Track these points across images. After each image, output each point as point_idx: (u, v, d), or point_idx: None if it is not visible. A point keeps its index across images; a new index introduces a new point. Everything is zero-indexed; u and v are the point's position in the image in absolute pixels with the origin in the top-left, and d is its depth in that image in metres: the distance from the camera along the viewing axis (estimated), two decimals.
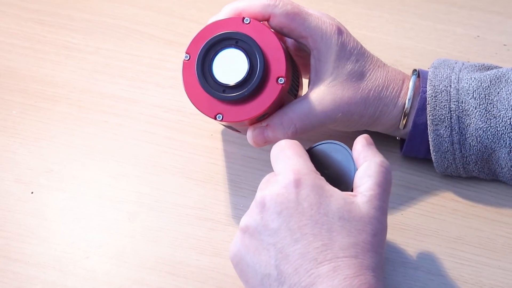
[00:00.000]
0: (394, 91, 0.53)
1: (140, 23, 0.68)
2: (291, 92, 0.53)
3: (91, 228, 0.54)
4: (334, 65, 0.52)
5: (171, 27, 0.68)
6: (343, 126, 0.54)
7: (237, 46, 0.50)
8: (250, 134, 0.52)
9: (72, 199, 0.55)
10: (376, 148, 0.48)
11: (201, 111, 0.51)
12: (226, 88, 0.50)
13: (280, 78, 0.50)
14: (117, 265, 0.51)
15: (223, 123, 0.53)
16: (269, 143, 0.52)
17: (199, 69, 0.50)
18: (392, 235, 0.53)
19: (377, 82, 0.53)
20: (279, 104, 0.52)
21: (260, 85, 0.50)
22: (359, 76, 0.52)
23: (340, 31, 0.53)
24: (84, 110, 0.61)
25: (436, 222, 0.54)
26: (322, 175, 0.46)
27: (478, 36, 0.67)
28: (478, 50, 0.66)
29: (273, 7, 0.51)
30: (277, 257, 0.42)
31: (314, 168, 0.46)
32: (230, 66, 0.50)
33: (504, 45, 0.67)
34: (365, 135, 0.48)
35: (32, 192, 0.56)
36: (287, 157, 0.46)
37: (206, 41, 0.51)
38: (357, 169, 0.46)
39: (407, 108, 0.53)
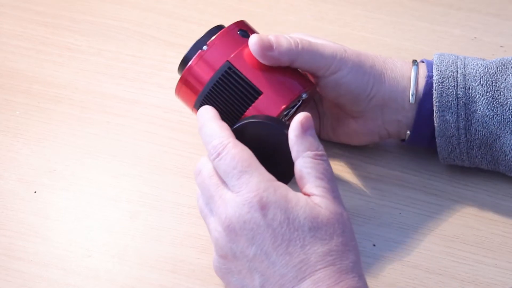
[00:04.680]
0: (388, 58, 0.54)
1: (141, 25, 0.69)
2: None
3: (93, 227, 0.54)
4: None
5: (172, 29, 0.69)
6: (348, 80, 0.52)
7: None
8: (254, 36, 0.50)
9: (75, 198, 0.56)
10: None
11: (191, 64, 0.51)
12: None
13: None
14: (119, 264, 0.52)
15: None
16: (271, 50, 0.50)
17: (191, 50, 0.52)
18: (390, 234, 0.54)
19: (366, 51, 0.54)
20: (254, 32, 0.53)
21: (222, 27, 0.52)
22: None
23: None
24: (87, 110, 0.62)
25: (434, 221, 0.54)
26: (257, 154, 0.45)
27: (475, 37, 0.68)
28: (475, 52, 0.67)
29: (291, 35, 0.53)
30: (260, 280, 0.43)
31: (268, 176, 0.44)
32: None
33: (501, 46, 0.67)
34: (301, 119, 0.46)
35: (35, 192, 0.56)
36: (239, 170, 0.44)
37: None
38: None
39: (414, 77, 0.53)
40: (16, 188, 0.56)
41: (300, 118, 0.46)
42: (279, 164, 0.47)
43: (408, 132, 0.55)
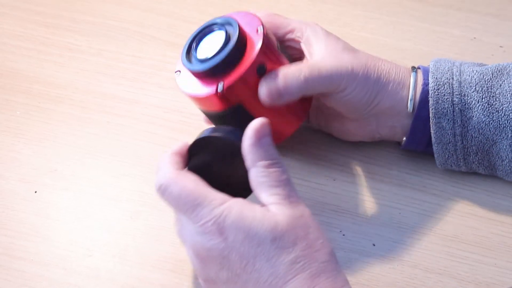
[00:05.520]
0: (392, 65, 0.54)
1: (142, 25, 0.69)
2: (285, 53, 0.53)
3: (94, 226, 0.54)
4: (326, 42, 0.53)
5: (173, 29, 0.69)
6: (350, 91, 0.52)
7: (218, 28, 0.51)
8: (263, 86, 0.50)
9: (75, 198, 0.56)
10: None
11: (203, 96, 0.50)
12: (209, 59, 0.50)
13: (258, 27, 0.50)
14: (120, 263, 0.52)
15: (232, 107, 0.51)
16: (281, 96, 0.50)
17: (184, 57, 0.51)
18: (390, 233, 0.54)
19: (371, 56, 0.54)
20: (274, 58, 0.51)
21: (242, 43, 0.50)
22: (353, 50, 0.54)
23: (319, 25, 0.55)
24: (87, 110, 0.62)
25: (433, 221, 0.55)
26: (217, 168, 0.46)
27: (474, 38, 0.68)
28: (475, 52, 0.67)
29: (255, 12, 0.53)
30: None
31: (220, 199, 0.44)
32: (212, 44, 0.51)
33: (500, 46, 0.67)
34: (257, 127, 0.45)
35: (35, 192, 0.56)
36: (189, 206, 0.44)
37: (193, 33, 0.52)
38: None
39: (413, 84, 0.53)
40: (17, 188, 0.57)
41: (255, 126, 0.45)
42: (238, 175, 0.47)
43: (404, 138, 0.56)
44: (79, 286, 0.51)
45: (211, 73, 0.50)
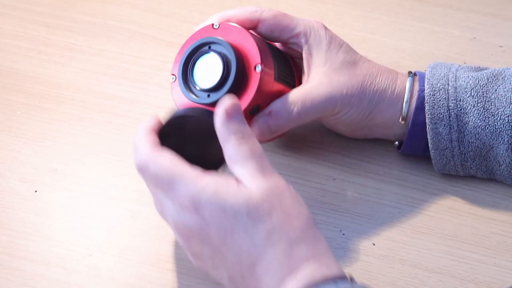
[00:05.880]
0: (390, 78, 0.54)
1: (142, 25, 0.69)
2: (282, 80, 0.53)
3: (94, 226, 0.54)
4: (326, 56, 0.53)
5: (173, 29, 0.69)
6: (344, 114, 0.54)
7: (210, 50, 0.51)
8: (255, 127, 0.53)
9: (76, 197, 0.56)
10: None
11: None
12: (209, 92, 0.50)
13: (256, 66, 0.50)
14: (120, 262, 0.52)
15: None
16: (274, 133, 0.53)
17: (182, 84, 0.52)
18: (390, 233, 0.54)
19: (370, 70, 0.54)
20: (270, 93, 0.52)
21: (241, 78, 0.50)
22: (352, 64, 0.54)
23: (325, 27, 0.55)
24: (88, 110, 0.62)
25: (433, 220, 0.55)
26: (191, 145, 0.47)
27: (474, 38, 0.68)
28: (474, 52, 0.67)
29: (261, 12, 0.53)
30: (226, 273, 0.44)
31: (196, 176, 0.44)
32: (209, 71, 0.51)
33: (500, 46, 0.67)
34: (227, 107, 0.45)
35: (36, 191, 0.57)
36: (166, 183, 0.44)
37: (182, 56, 0.52)
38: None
39: (406, 101, 0.54)
40: (17, 187, 0.57)
41: (224, 104, 0.45)
42: (213, 151, 0.47)
43: (396, 143, 0.57)
44: (79, 285, 0.51)
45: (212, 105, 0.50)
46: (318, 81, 0.53)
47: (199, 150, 0.48)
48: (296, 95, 0.52)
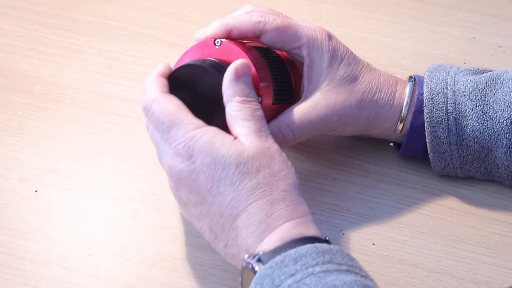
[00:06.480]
0: (389, 92, 0.54)
1: (142, 25, 0.69)
2: (279, 100, 0.53)
3: (94, 226, 0.54)
4: (327, 71, 0.53)
5: (173, 29, 0.69)
6: (340, 130, 0.55)
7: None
8: None
9: (76, 197, 0.56)
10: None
11: None
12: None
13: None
14: (120, 262, 0.52)
15: None
16: None
17: None
18: (390, 233, 0.54)
19: (370, 84, 0.54)
20: (267, 117, 0.51)
21: None
22: (352, 79, 0.53)
23: (330, 37, 0.54)
24: (88, 110, 0.62)
25: (433, 220, 0.55)
26: (194, 98, 0.48)
27: (474, 38, 0.68)
28: (474, 52, 0.67)
29: (264, 24, 0.52)
30: (207, 222, 0.46)
31: (196, 124, 0.46)
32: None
33: (500, 46, 0.67)
34: (237, 65, 0.47)
35: (36, 191, 0.57)
36: (167, 125, 0.46)
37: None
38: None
39: (404, 112, 0.54)
40: (17, 187, 0.57)
41: (236, 64, 0.47)
42: (215, 108, 0.48)
43: (392, 144, 0.58)
44: (79, 285, 0.51)
45: None
46: (315, 100, 0.53)
47: (204, 105, 0.49)
48: (292, 118, 0.52)
